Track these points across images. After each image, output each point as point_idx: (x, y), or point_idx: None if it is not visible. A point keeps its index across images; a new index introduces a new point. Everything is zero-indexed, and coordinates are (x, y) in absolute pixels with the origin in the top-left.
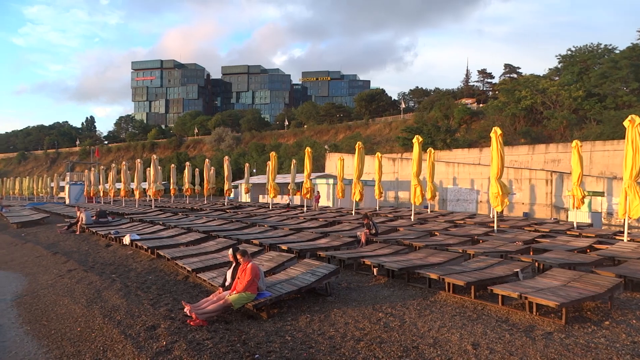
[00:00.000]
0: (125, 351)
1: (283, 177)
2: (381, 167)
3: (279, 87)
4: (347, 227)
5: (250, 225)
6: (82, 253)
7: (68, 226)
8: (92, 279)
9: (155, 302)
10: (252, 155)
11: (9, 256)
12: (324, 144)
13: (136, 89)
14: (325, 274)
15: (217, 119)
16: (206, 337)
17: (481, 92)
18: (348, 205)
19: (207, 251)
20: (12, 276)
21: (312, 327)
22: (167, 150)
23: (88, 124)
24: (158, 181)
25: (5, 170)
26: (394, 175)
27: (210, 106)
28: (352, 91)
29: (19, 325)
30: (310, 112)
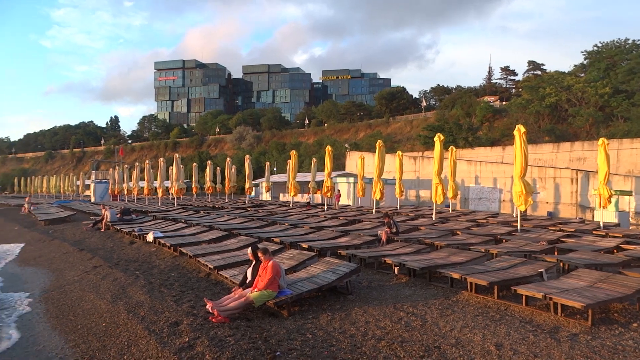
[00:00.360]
0: (149, 346)
1: (303, 176)
2: (402, 166)
3: (300, 86)
4: (367, 226)
5: (271, 223)
6: (107, 250)
7: (93, 223)
8: (116, 275)
9: (178, 298)
10: (273, 154)
11: (38, 252)
12: (344, 143)
13: (159, 88)
14: (346, 273)
15: (238, 118)
16: (228, 333)
17: (504, 90)
18: (368, 204)
19: (228, 249)
20: (41, 272)
21: (333, 326)
22: (189, 149)
23: (112, 123)
24: (180, 179)
25: (33, 169)
26: (415, 173)
27: (231, 105)
28: (372, 89)
29: (47, 319)
30: (330, 111)
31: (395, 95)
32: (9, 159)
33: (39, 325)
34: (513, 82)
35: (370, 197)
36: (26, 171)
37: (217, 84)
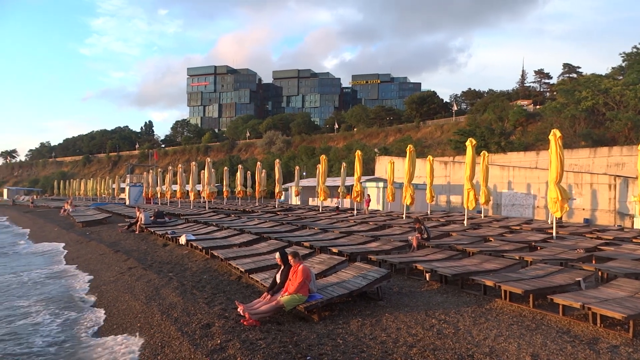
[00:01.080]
0: (182, 348)
1: (333, 180)
2: (433, 171)
3: (329, 91)
4: (397, 231)
5: (301, 227)
6: (141, 252)
7: (128, 226)
8: (150, 277)
9: (210, 301)
10: (302, 159)
11: (76, 253)
12: (373, 147)
13: (191, 94)
14: (376, 278)
15: (268, 123)
16: (259, 337)
17: (538, 93)
18: (398, 209)
19: (259, 252)
20: (79, 272)
21: (364, 331)
22: (220, 153)
23: (147, 128)
24: (212, 183)
25: (72, 172)
26: (446, 179)
27: (261, 110)
28: (402, 94)
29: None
30: (360, 115)
31: (425, 99)
32: (50, 162)
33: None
34: (547, 85)
35: (400, 202)
36: (65, 174)
37: (248, 89)
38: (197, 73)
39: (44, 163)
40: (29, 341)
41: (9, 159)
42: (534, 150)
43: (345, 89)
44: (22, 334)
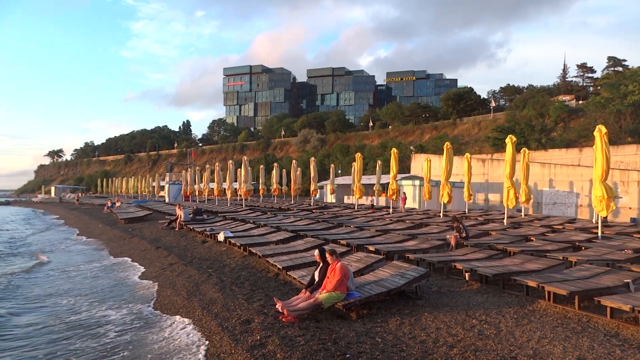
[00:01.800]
0: (223, 342)
1: (368, 178)
2: (470, 168)
3: (363, 89)
4: (435, 230)
5: (337, 225)
6: (181, 248)
7: (168, 223)
8: (190, 272)
9: (248, 297)
10: (337, 157)
11: (120, 249)
12: (409, 145)
13: (227, 93)
14: (415, 277)
15: (303, 121)
16: (298, 333)
17: (581, 88)
18: (435, 207)
19: (296, 250)
20: (125, 266)
21: (403, 330)
22: (255, 151)
23: (185, 127)
24: (248, 181)
25: (114, 171)
26: (484, 176)
27: (296, 109)
28: (438, 90)
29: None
30: (395, 113)
31: (462, 96)
32: (93, 161)
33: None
34: (591, 79)
35: (437, 200)
36: (108, 173)
37: (283, 88)
38: (232, 73)
39: (88, 162)
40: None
41: (55, 158)
42: (577, 147)
43: (380, 87)
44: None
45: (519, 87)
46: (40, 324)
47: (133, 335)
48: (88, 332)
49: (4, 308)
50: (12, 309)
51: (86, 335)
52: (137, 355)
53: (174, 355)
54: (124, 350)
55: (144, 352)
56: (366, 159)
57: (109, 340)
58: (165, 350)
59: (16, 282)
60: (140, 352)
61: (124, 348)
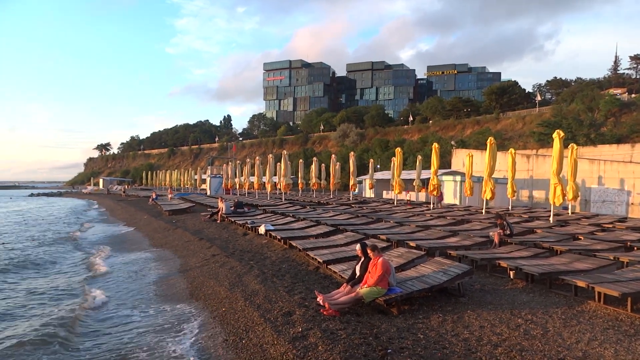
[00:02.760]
0: (265, 333)
1: (407, 173)
2: (514, 164)
3: (403, 83)
4: (477, 227)
5: (376, 220)
6: (223, 240)
7: (210, 215)
8: (232, 264)
9: (290, 289)
10: (376, 151)
11: (164, 240)
12: (450, 140)
13: (267, 88)
14: (458, 274)
15: (342, 116)
16: (339, 327)
17: (633, 81)
18: (476, 204)
19: (336, 244)
20: (169, 257)
21: (445, 328)
22: (294, 146)
23: (225, 121)
24: (288, 175)
25: (157, 164)
26: (528, 172)
27: (335, 103)
28: (480, 84)
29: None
30: (435, 107)
31: (506, 89)
32: (139, 155)
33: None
34: None
35: (478, 196)
36: (152, 166)
37: (322, 82)
38: (272, 68)
39: (133, 155)
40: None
41: (104, 151)
42: (629, 142)
43: (420, 81)
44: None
45: (566, 80)
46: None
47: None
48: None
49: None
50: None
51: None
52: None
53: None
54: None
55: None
56: (405, 154)
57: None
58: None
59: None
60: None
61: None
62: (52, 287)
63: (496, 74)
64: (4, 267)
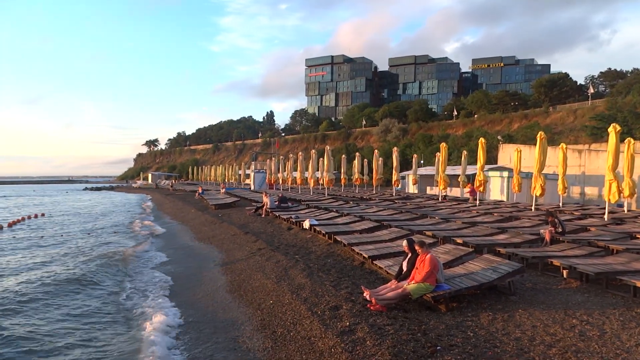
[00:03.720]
0: (313, 327)
1: (452, 169)
2: (566, 159)
3: (447, 76)
4: (526, 224)
5: (421, 216)
6: (268, 234)
7: (255, 209)
8: (278, 258)
9: (336, 284)
10: (419, 147)
11: (211, 233)
12: (496, 135)
13: (309, 84)
14: (508, 272)
15: (384, 111)
16: (386, 322)
17: None
18: (524, 200)
19: (381, 239)
20: (216, 249)
21: (495, 326)
22: (336, 141)
23: (268, 117)
24: (330, 170)
25: (202, 160)
26: (580, 168)
27: (377, 98)
28: (528, 77)
29: (226, 291)
30: (481, 101)
31: (556, 82)
32: (185, 150)
33: (219, 293)
34: None
35: (526, 192)
36: (197, 161)
37: (364, 77)
38: (314, 63)
39: (180, 151)
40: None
41: (152, 147)
42: None
43: (465, 74)
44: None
45: (622, 71)
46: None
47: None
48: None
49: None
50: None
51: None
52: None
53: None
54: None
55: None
56: (450, 149)
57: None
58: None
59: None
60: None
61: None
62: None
63: (545, 66)
64: (100, 243)
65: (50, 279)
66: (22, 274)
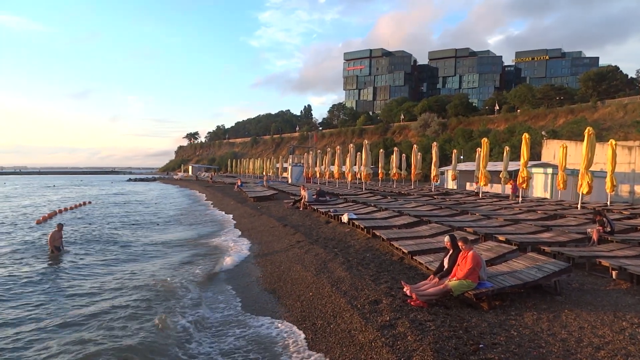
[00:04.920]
0: (353, 320)
1: (493, 165)
2: (615, 156)
3: (489, 70)
4: (572, 222)
5: (461, 212)
6: (307, 227)
7: (293, 202)
8: (317, 251)
9: (375, 278)
10: (459, 142)
11: (251, 225)
12: (540, 130)
13: (347, 78)
14: (554, 271)
15: (423, 105)
16: (427, 318)
17: None
18: (569, 198)
19: (421, 235)
20: (255, 241)
21: (540, 326)
22: (374, 135)
23: (306, 111)
24: (368, 165)
25: (241, 153)
26: (629, 166)
27: (416, 92)
28: (574, 70)
29: (262, 282)
30: (524, 95)
31: (605, 75)
32: (224, 143)
33: (255, 287)
34: None
35: (571, 190)
36: (236, 154)
37: (403, 71)
38: (353, 57)
39: (219, 144)
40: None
41: (192, 140)
42: None
43: (508, 67)
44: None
45: None
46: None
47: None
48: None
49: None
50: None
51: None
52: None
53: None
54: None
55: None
56: (491, 145)
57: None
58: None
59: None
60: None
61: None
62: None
63: (593, 58)
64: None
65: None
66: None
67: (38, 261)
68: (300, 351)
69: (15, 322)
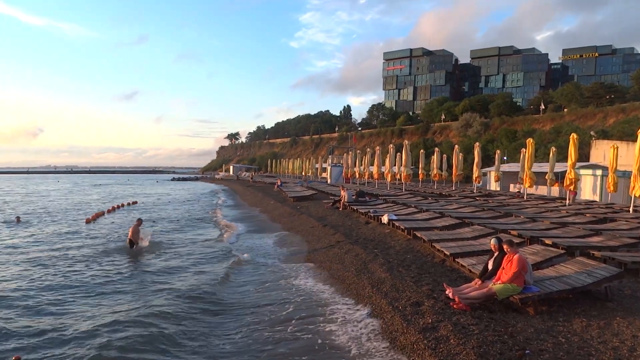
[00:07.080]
0: (394, 321)
1: (538, 166)
2: None
3: (534, 68)
4: (624, 226)
5: (505, 215)
6: (347, 227)
7: (332, 203)
8: (357, 251)
9: (416, 280)
10: (502, 142)
11: (291, 224)
12: (588, 130)
13: (387, 78)
14: (605, 277)
15: (465, 105)
16: (471, 322)
17: None
18: (620, 201)
19: (463, 237)
20: (296, 240)
21: (590, 333)
22: (414, 136)
23: (345, 112)
24: (408, 165)
25: (281, 153)
26: None
27: (457, 92)
28: (627, 67)
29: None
30: (571, 94)
31: None
32: (264, 144)
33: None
34: None
35: (622, 193)
36: (276, 154)
37: (444, 70)
38: (392, 57)
39: (259, 144)
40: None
41: (233, 140)
42: None
43: (554, 65)
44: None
45: None
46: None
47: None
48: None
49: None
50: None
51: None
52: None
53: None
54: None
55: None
56: (535, 145)
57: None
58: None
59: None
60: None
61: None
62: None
63: None
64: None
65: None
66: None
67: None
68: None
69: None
